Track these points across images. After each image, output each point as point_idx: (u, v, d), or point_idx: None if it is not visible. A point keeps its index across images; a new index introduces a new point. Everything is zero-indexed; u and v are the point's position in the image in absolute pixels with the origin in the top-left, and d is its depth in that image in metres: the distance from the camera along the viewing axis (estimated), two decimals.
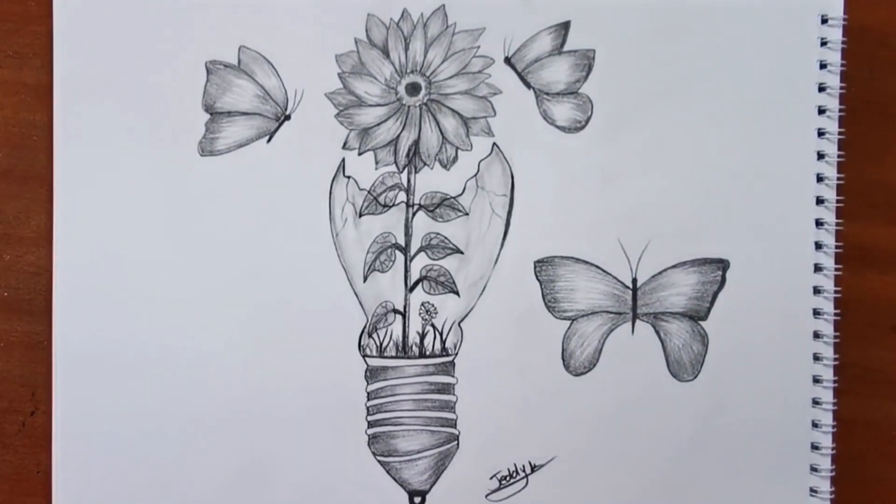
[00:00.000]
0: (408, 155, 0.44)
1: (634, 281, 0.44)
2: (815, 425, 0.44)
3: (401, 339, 0.44)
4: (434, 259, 0.44)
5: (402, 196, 0.44)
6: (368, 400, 0.44)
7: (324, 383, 0.44)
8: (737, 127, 0.44)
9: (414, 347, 0.44)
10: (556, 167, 0.44)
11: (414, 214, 0.44)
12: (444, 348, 0.44)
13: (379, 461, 0.44)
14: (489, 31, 0.44)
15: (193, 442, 0.43)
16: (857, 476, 0.45)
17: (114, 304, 0.43)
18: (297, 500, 0.44)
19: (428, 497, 0.44)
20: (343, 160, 0.44)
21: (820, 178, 0.44)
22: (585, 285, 0.44)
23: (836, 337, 0.44)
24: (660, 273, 0.44)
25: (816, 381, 0.44)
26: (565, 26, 0.44)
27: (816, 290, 0.44)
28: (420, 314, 0.44)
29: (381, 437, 0.44)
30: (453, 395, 0.44)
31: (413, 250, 0.44)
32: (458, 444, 0.44)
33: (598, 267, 0.44)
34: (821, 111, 0.44)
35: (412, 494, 0.44)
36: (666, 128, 0.44)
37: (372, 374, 0.44)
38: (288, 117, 0.44)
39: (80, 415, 0.43)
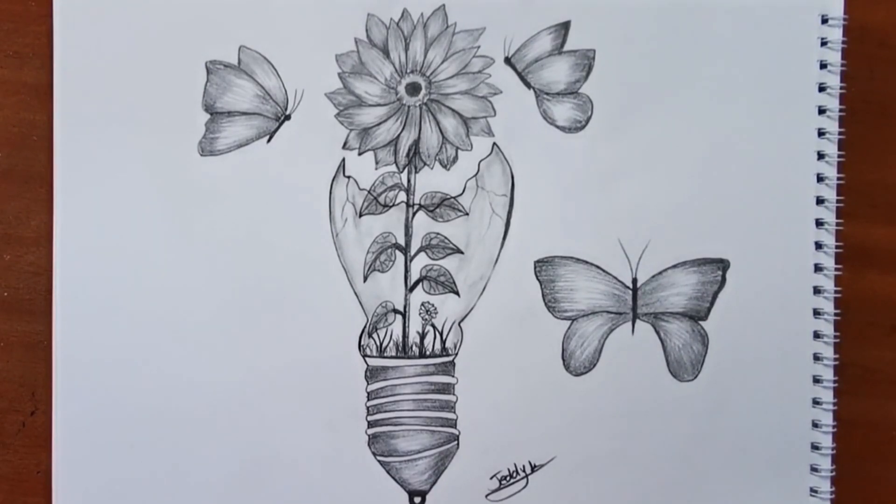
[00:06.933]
0: (408, 155, 0.44)
1: (634, 281, 0.44)
2: (815, 425, 0.44)
3: (401, 339, 0.44)
4: (434, 259, 0.44)
5: (402, 196, 0.44)
6: (368, 400, 0.44)
7: (324, 383, 0.44)
8: (737, 127, 0.44)
9: (414, 347, 0.44)
10: (556, 167, 0.44)
11: (414, 214, 0.44)
12: (444, 348, 0.44)
13: (379, 461, 0.44)
14: (489, 31, 0.44)
15: (193, 442, 0.43)
16: (857, 476, 0.45)
17: (114, 304, 0.43)
18: (297, 500, 0.44)
19: (428, 497, 0.44)
20: (343, 160, 0.44)
21: (820, 178, 0.44)
22: (585, 285, 0.44)
23: (836, 337, 0.44)
24: (660, 273, 0.44)
25: (816, 381, 0.44)
26: (565, 26, 0.44)
27: (816, 290, 0.44)
28: (420, 314, 0.44)
29: (381, 437, 0.44)
30: (453, 395, 0.44)
31: (413, 250, 0.44)
32: (458, 444, 0.44)
33: (598, 267, 0.44)
34: (821, 111, 0.44)
35: (412, 494, 0.44)
36: (666, 128, 0.44)
37: (372, 374, 0.44)
38: (288, 117, 0.44)
39: (80, 415, 0.43)
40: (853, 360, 0.45)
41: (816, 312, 0.44)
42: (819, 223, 0.44)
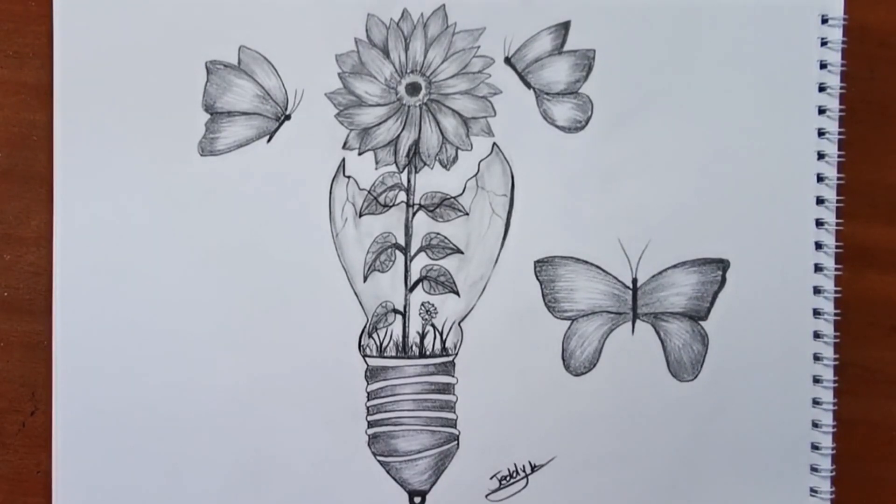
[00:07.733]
0: (408, 155, 0.44)
1: (634, 281, 0.44)
2: (815, 425, 0.44)
3: (401, 339, 0.44)
4: (434, 259, 0.44)
5: (402, 196, 0.44)
6: (368, 400, 0.44)
7: (324, 383, 0.44)
8: (737, 127, 0.44)
9: (414, 347, 0.44)
10: (556, 167, 0.44)
11: (414, 214, 0.44)
12: (444, 348, 0.44)
13: (379, 461, 0.44)
14: (489, 31, 0.44)
15: (193, 442, 0.43)
16: (857, 476, 0.45)
17: (114, 303, 0.43)
18: (297, 500, 0.44)
19: (428, 497, 0.44)
20: (343, 160, 0.44)
21: (820, 178, 0.44)
22: (585, 285, 0.44)
23: (836, 337, 0.44)
24: (660, 273, 0.44)
25: (816, 381, 0.44)
26: (565, 26, 0.44)
27: (816, 290, 0.44)
28: (420, 314, 0.44)
29: (381, 437, 0.44)
30: (453, 395, 0.44)
31: (413, 250, 0.44)
32: (458, 444, 0.44)
33: (598, 267, 0.44)
34: (821, 111, 0.44)
35: (412, 494, 0.44)
36: (666, 128, 0.44)
37: (372, 374, 0.44)
38: (288, 117, 0.44)
39: (80, 415, 0.43)
40: (853, 360, 0.45)
41: (816, 312, 0.44)
42: (819, 223, 0.44)
